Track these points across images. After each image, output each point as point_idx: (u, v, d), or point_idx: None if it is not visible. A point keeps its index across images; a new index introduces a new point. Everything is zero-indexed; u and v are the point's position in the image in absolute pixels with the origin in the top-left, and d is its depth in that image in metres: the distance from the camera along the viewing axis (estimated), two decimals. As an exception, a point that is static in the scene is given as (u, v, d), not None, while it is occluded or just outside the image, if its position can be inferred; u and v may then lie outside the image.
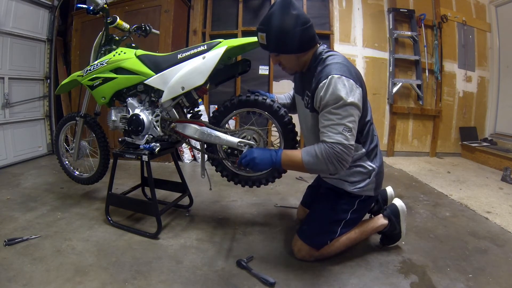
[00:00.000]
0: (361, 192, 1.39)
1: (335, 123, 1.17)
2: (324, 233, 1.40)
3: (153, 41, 2.97)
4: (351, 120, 1.17)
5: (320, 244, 1.40)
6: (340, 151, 1.16)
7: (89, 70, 1.77)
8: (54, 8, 3.44)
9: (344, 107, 1.16)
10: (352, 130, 1.17)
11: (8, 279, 1.24)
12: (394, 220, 1.49)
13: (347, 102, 1.15)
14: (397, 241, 1.53)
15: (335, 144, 1.16)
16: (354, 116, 1.18)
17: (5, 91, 2.96)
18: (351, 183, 1.38)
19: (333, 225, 1.41)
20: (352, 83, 1.18)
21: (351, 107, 1.16)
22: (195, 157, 3.37)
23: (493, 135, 3.84)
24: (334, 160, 1.17)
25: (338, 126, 1.16)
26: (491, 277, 1.32)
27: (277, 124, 1.49)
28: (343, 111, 1.16)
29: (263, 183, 1.58)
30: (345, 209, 1.41)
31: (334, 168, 1.18)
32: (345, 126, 1.16)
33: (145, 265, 1.36)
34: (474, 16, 3.84)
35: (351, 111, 1.17)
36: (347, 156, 1.17)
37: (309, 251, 1.40)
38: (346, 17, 3.67)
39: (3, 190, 2.28)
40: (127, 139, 1.73)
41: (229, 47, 1.42)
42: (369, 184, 1.38)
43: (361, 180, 1.38)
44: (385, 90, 3.71)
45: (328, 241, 1.40)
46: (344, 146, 1.16)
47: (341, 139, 1.16)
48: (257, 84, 3.65)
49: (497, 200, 2.28)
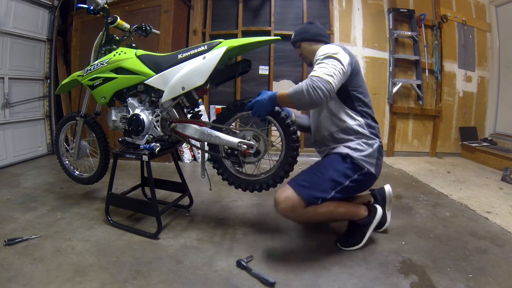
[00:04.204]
0: (364, 162, 1.45)
1: (318, 66, 1.36)
2: (320, 189, 1.39)
3: (153, 41, 2.97)
4: (332, 65, 1.34)
5: (311, 198, 1.37)
6: (316, 80, 1.29)
7: (89, 70, 1.77)
8: (54, 8, 3.44)
9: (328, 58, 1.37)
10: (332, 74, 1.31)
11: (8, 279, 1.23)
12: (381, 204, 1.63)
13: (331, 55, 1.38)
14: (357, 245, 1.52)
15: (313, 76, 1.32)
16: (336, 66, 1.34)
17: (5, 91, 2.96)
18: (355, 150, 1.47)
19: (331, 184, 1.40)
20: (340, 49, 1.42)
21: (334, 59, 1.36)
22: (195, 157, 3.37)
23: (493, 135, 3.84)
24: (310, 88, 1.27)
25: (320, 68, 1.35)
26: (491, 277, 1.32)
27: (278, 126, 1.50)
28: (327, 60, 1.37)
29: (264, 187, 1.55)
30: (346, 174, 1.43)
31: (310, 97, 1.27)
32: (325, 69, 1.33)
33: (145, 265, 1.36)
34: (474, 16, 3.84)
35: (334, 62, 1.35)
36: (322, 85, 1.27)
37: (296, 202, 1.36)
38: (346, 17, 3.67)
39: (3, 190, 2.28)
40: (127, 139, 1.73)
41: (229, 47, 1.43)
42: (372, 155, 1.47)
43: (364, 150, 1.47)
44: (385, 90, 3.71)
45: (320, 201, 1.38)
46: (320, 78, 1.29)
47: (319, 74, 1.31)
48: (257, 84, 3.65)
49: (497, 200, 2.28)
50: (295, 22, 3.62)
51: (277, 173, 1.53)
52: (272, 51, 3.58)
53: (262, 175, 1.59)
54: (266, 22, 3.64)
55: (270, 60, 3.60)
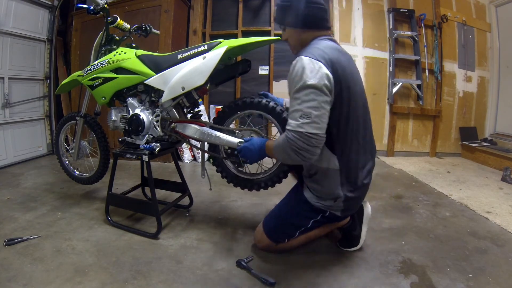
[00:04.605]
0: (325, 208, 1.33)
1: (294, 109, 1.10)
2: (283, 232, 1.43)
3: (153, 41, 2.97)
4: (310, 106, 1.07)
5: (277, 240, 1.43)
6: (294, 139, 1.07)
7: (89, 70, 1.77)
8: (54, 8, 3.44)
9: (303, 90, 1.08)
10: (312, 117, 1.06)
11: (8, 279, 1.23)
12: (356, 218, 1.49)
13: (306, 84, 1.07)
14: (355, 246, 1.49)
15: (289, 132, 1.09)
16: (316, 100, 1.07)
17: (5, 91, 2.96)
18: (315, 196, 1.32)
19: (293, 228, 1.41)
20: (319, 65, 1.09)
21: (311, 90, 1.07)
22: (195, 157, 3.37)
23: (493, 135, 3.84)
24: (288, 149, 1.09)
25: (296, 112, 1.09)
26: (491, 277, 1.32)
27: (278, 125, 1.50)
28: (303, 94, 1.08)
29: (263, 187, 1.58)
30: (308, 217, 1.38)
31: (295, 157, 1.09)
32: (302, 113, 1.07)
33: (145, 265, 1.36)
34: (474, 16, 3.84)
35: (311, 95, 1.07)
36: (303, 143, 1.06)
37: (268, 243, 1.45)
38: (346, 17, 3.67)
39: (3, 190, 2.28)
40: (127, 139, 1.73)
41: (229, 47, 1.42)
42: (334, 206, 1.31)
43: (325, 198, 1.30)
44: (385, 90, 3.71)
45: (286, 240, 1.44)
46: (298, 134, 1.07)
47: (296, 127, 1.07)
48: (257, 84, 3.65)
49: (497, 200, 2.28)
50: (295, 22, 3.61)
51: (276, 173, 1.55)
52: (272, 51, 3.58)
53: (261, 174, 1.61)
54: (266, 22, 3.64)
55: (270, 60, 3.60)
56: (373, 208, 1.94)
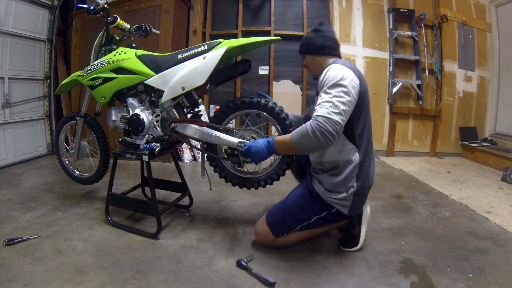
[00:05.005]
0: (334, 204, 1.39)
1: (324, 100, 1.24)
2: (284, 225, 1.46)
3: (153, 41, 2.97)
4: (340, 101, 1.22)
5: (277, 232, 1.47)
6: (323, 122, 1.19)
7: (89, 70, 1.77)
8: (54, 8, 3.44)
9: (336, 88, 1.24)
10: (340, 109, 1.21)
11: (8, 279, 1.23)
12: (355, 218, 1.50)
13: (339, 83, 1.24)
14: (354, 246, 1.51)
15: (319, 117, 1.21)
16: (345, 97, 1.23)
17: (5, 91, 2.96)
18: (327, 191, 1.39)
19: (295, 221, 1.45)
20: (351, 73, 1.28)
21: (343, 88, 1.23)
22: (195, 157, 3.37)
23: (493, 135, 3.84)
24: (317, 132, 1.18)
25: (327, 103, 1.23)
26: (491, 277, 1.32)
27: (277, 126, 1.50)
28: (335, 91, 1.24)
29: (261, 185, 1.60)
30: (313, 213, 1.43)
31: (318, 141, 1.19)
32: (332, 104, 1.21)
33: (145, 265, 1.36)
34: (474, 16, 3.84)
35: (342, 93, 1.23)
36: (330, 128, 1.18)
37: (267, 236, 1.48)
38: (346, 17, 3.67)
39: (3, 190, 2.28)
40: (127, 139, 1.73)
41: (229, 47, 1.43)
42: (345, 200, 1.37)
43: (338, 191, 1.38)
44: (385, 90, 3.71)
45: (285, 233, 1.47)
46: (327, 119, 1.19)
47: (325, 113, 1.20)
48: (257, 84, 3.65)
49: (497, 200, 2.28)
50: (295, 22, 3.62)
51: (275, 172, 1.57)
52: (272, 51, 3.58)
53: (259, 172, 1.62)
54: (266, 22, 3.64)
55: (270, 60, 3.60)
56: (373, 208, 1.95)
